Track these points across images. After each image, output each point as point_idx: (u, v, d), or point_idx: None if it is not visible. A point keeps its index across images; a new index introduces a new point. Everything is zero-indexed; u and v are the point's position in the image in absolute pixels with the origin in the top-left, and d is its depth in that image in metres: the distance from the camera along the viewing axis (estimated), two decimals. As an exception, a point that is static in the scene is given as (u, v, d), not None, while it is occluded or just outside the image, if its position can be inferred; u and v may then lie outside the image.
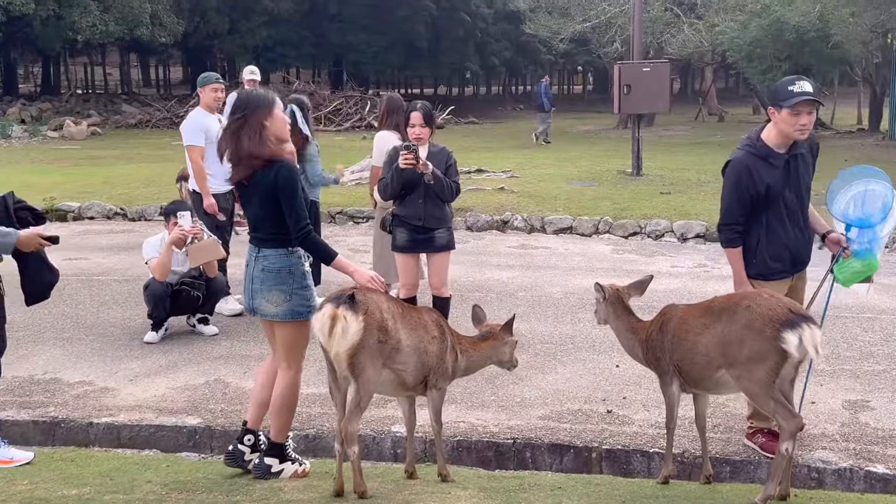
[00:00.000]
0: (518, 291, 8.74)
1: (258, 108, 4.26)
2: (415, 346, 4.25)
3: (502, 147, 23.22)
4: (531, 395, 5.97)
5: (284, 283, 4.33)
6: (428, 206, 6.38)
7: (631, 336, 4.76)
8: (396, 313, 4.18)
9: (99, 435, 5.47)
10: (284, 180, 4.24)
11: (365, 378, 4.02)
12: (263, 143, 4.27)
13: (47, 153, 21.72)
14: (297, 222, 4.27)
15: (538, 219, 12.45)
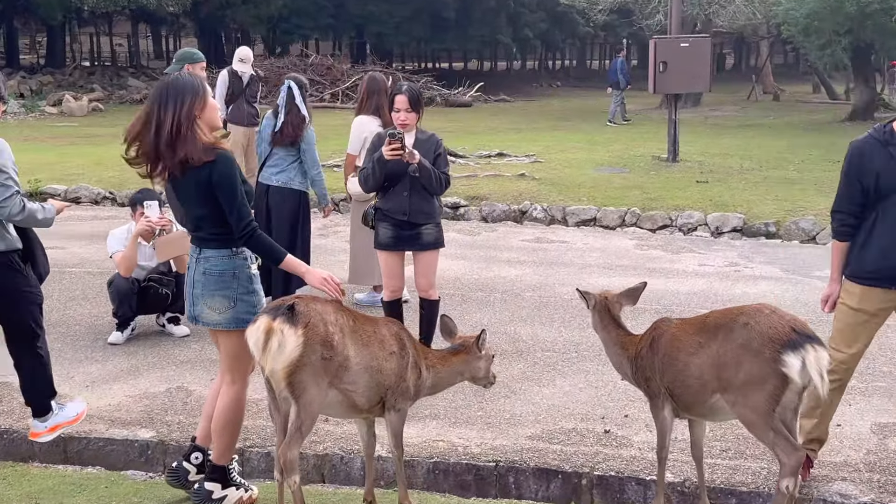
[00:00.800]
0: (525, 291, 8.55)
1: (189, 98, 4.07)
2: (367, 364, 4.08)
3: (531, 128, 22.96)
4: (522, 411, 5.80)
5: (228, 288, 4.19)
6: (414, 199, 6.20)
7: (619, 351, 4.57)
8: (345, 326, 4.01)
9: (43, 448, 5.36)
10: (221, 175, 4.10)
11: (306, 399, 3.86)
12: (195, 141, 4.09)
13: (42, 130, 21.81)
14: (240, 220, 4.13)
15: (559, 209, 12.24)
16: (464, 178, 13.62)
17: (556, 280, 8.96)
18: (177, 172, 4.12)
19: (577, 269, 9.42)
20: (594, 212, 12.08)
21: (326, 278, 4.15)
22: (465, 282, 8.80)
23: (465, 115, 26.59)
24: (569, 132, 21.88)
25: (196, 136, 4.09)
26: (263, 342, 3.76)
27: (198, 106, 4.08)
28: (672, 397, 4.28)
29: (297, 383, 3.83)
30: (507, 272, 9.26)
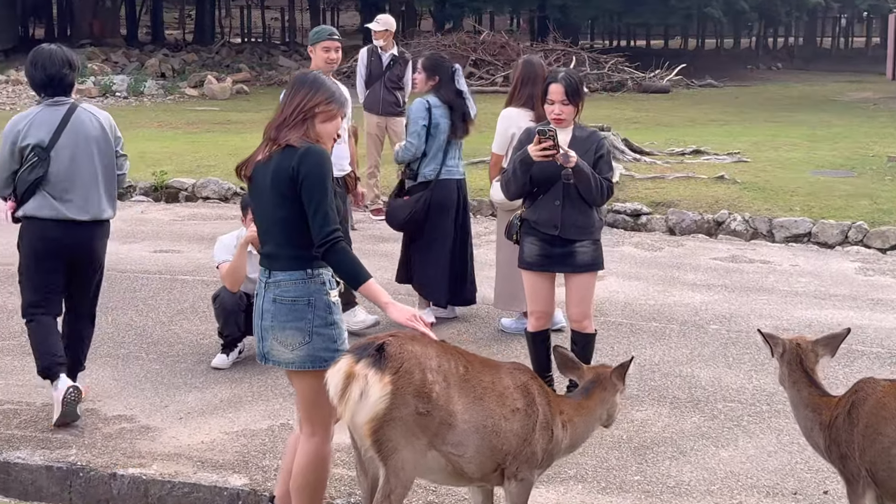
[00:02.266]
0: (710, 323, 8.10)
1: (319, 96, 4.28)
2: (479, 423, 3.83)
3: (739, 120, 22.16)
4: (692, 478, 5.42)
5: (301, 319, 4.09)
6: (567, 210, 5.94)
7: (810, 415, 4.19)
8: (452, 374, 3.78)
9: (122, 490, 5.39)
10: (311, 167, 4.04)
11: (397, 462, 3.64)
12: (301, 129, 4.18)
13: (179, 115, 22.67)
14: (325, 225, 4.05)
15: (764, 220, 11.65)
16: (649, 181, 13.19)
17: (751, 311, 8.45)
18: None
19: (780, 298, 8.87)
20: (808, 225, 11.43)
21: (414, 316, 3.96)
22: (637, 308, 8.42)
23: (660, 103, 25.96)
24: (786, 125, 20.97)
25: (305, 127, 4.17)
26: (342, 389, 3.59)
27: (316, 102, 4.22)
28: (875, 482, 3.85)
29: (384, 441, 3.63)
30: (690, 298, 8.81)
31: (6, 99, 24.33)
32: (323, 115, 4.22)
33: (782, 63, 45.56)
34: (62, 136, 5.90)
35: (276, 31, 51.70)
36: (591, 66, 30.25)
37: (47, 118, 5.90)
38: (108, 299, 8.45)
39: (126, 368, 6.97)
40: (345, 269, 4.12)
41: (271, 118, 4.36)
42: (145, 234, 11.11)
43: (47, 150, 5.84)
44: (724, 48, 52.14)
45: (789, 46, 55.22)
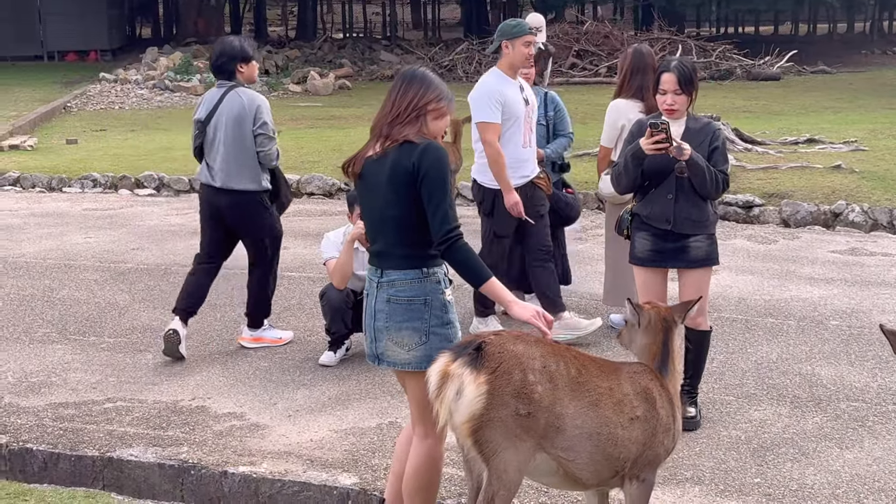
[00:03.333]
0: (830, 319, 7.85)
1: (430, 93, 4.26)
2: (592, 430, 3.74)
3: (855, 107, 21.53)
4: (815, 481, 5.25)
5: (419, 319, 4.05)
6: (681, 203, 5.80)
7: None
8: (560, 376, 3.69)
9: (234, 488, 5.43)
10: (432, 163, 4.01)
11: (499, 463, 3.58)
12: (415, 126, 4.13)
13: (282, 112, 22.87)
14: (445, 222, 4.00)
15: (885, 211, 11.26)
16: (761, 171, 12.87)
17: (874, 305, 8.16)
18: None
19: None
20: (935, 216, 11.03)
21: (538, 313, 3.88)
22: (752, 304, 8.20)
23: (771, 91, 25.37)
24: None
25: (419, 124, 4.16)
26: (438, 388, 3.55)
27: (436, 99, 4.20)
28: None
29: (485, 442, 3.58)
30: (808, 293, 8.55)
31: (115, 98, 24.89)
32: (435, 112, 4.18)
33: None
34: (215, 114, 7.08)
35: (377, 26, 52.02)
36: (698, 55, 29.74)
37: (211, 98, 7.19)
38: (216, 296, 8.56)
39: (235, 366, 7.04)
40: (467, 266, 4.07)
41: (378, 114, 4.32)
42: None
43: (204, 124, 7.12)
44: (837, 33, 50.75)
45: (907, 29, 53.54)
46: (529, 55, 7.19)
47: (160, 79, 26.95)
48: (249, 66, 7.16)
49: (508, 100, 7.09)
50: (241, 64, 7.10)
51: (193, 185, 13.97)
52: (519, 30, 7.19)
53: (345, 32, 49.64)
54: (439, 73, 32.18)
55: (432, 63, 32.78)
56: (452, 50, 34.14)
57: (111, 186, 14.17)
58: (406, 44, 39.79)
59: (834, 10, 47.84)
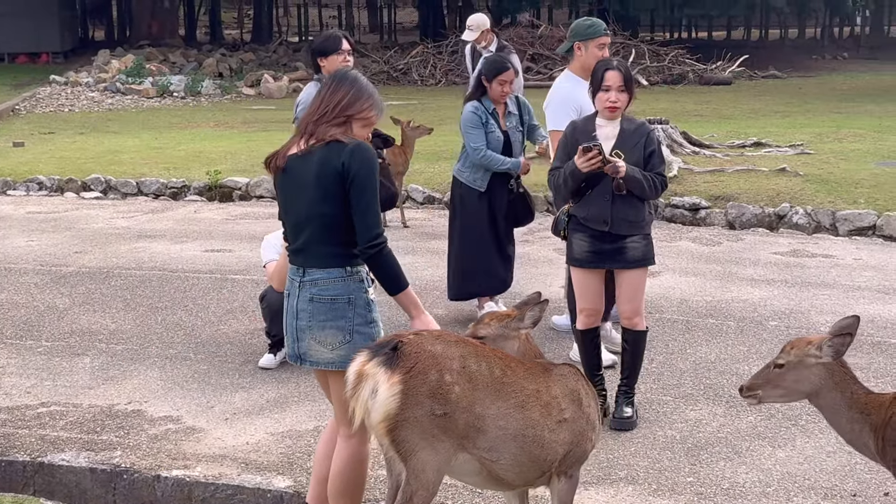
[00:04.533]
0: (770, 320, 7.92)
1: (360, 97, 4.23)
2: (517, 431, 3.74)
3: (803, 111, 21.75)
4: (747, 479, 5.29)
5: (342, 318, 4.04)
6: (618, 205, 5.83)
7: (857, 416, 4.00)
8: (480, 376, 3.69)
9: (167, 492, 5.39)
10: (362, 163, 3.98)
11: (417, 463, 3.58)
12: (340, 126, 4.12)
13: (235, 114, 22.80)
14: (371, 227, 3.99)
15: (827, 213, 11.37)
16: (708, 174, 12.95)
17: (812, 306, 8.24)
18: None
19: (843, 293, 8.66)
20: (873, 218, 11.13)
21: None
22: (693, 305, 8.26)
23: (722, 95, 25.57)
24: (851, 116, 20.52)
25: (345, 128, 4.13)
26: (353, 387, 3.55)
27: (360, 107, 4.16)
28: None
29: (401, 442, 3.58)
30: (749, 294, 8.63)
31: (65, 100, 24.67)
32: (362, 120, 4.16)
33: (848, 52, 44.63)
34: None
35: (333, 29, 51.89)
36: (651, 59, 29.97)
37: (312, 91, 6.72)
38: (157, 299, 8.53)
39: (173, 369, 6.98)
40: (388, 273, 4.07)
41: (306, 112, 4.30)
42: (197, 234, 11.16)
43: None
44: (788, 38, 51.24)
45: (855, 35, 54.12)
46: (601, 57, 6.73)
47: (111, 81, 26.74)
48: (329, 60, 6.83)
49: (584, 106, 6.66)
50: (320, 58, 6.90)
51: (141, 189, 13.88)
52: (593, 31, 7.02)
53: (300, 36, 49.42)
54: (394, 76, 32.30)
55: (388, 66, 32.78)
56: (408, 53, 34.14)
57: (57, 189, 14.02)
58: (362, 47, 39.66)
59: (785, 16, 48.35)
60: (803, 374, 4.07)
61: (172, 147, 16.91)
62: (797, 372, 4.07)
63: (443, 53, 32.26)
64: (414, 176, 13.06)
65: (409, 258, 10.07)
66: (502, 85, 7.55)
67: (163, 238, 10.97)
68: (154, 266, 9.69)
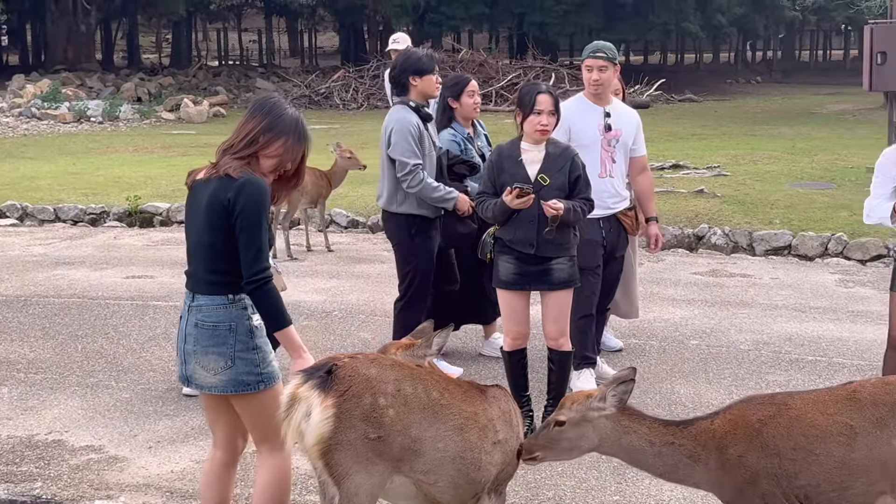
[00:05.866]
0: (690, 339, 8.04)
1: (273, 131, 4.16)
2: (455, 454, 3.76)
3: (718, 133, 22.21)
4: (672, 496, 5.35)
5: (223, 344, 4.06)
6: (544, 228, 5.85)
7: (664, 451, 3.86)
8: (416, 399, 3.70)
9: (91, 523, 5.28)
10: (249, 200, 3.98)
11: (350, 486, 3.58)
12: (244, 159, 4.11)
13: (154, 139, 22.58)
14: (257, 262, 3.99)
15: (744, 234, 11.62)
16: (628, 196, 13.13)
17: (732, 325, 8.39)
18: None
19: (761, 312, 8.83)
20: (788, 238, 11.40)
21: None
22: (616, 325, 8.32)
23: (641, 119, 25.95)
24: (765, 138, 21.02)
25: (248, 160, 4.08)
26: (287, 411, 3.56)
27: (265, 141, 4.11)
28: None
29: (335, 465, 3.59)
30: (669, 313, 8.75)
31: (-20, 126, 24.24)
32: (268, 148, 4.12)
33: (761, 76, 45.81)
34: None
35: (253, 54, 51.65)
36: (571, 83, 30.28)
37: (404, 115, 6.78)
38: (77, 327, 8.39)
39: (95, 397, 6.85)
40: (271, 310, 4.07)
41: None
42: (118, 260, 11.00)
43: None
44: (703, 63, 52.39)
45: (768, 60, 55.52)
46: (591, 80, 6.72)
47: (27, 106, 26.31)
48: (424, 81, 6.73)
49: (575, 126, 6.64)
50: (413, 76, 6.73)
51: (59, 215, 13.65)
52: (585, 53, 6.91)
53: (220, 60, 49.16)
54: (316, 100, 32.26)
55: (309, 90, 32.70)
56: (329, 77, 34.13)
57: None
58: (283, 71, 39.63)
59: (700, 41, 49.33)
60: (586, 430, 3.89)
61: (91, 172, 16.69)
62: (579, 428, 3.88)
63: (364, 77, 32.32)
64: (338, 200, 13.05)
65: (334, 282, 10.05)
66: (472, 96, 7.31)
67: (82, 265, 10.80)
68: (73, 293, 9.53)
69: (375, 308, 9.05)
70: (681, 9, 39.57)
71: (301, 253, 11.36)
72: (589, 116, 6.74)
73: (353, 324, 8.57)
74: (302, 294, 9.35)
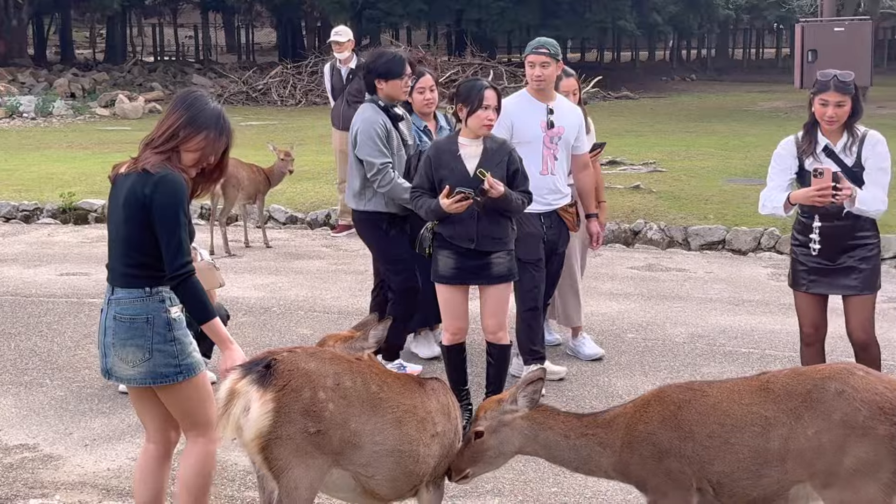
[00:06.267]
0: (627, 332, 8.13)
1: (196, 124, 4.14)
2: (393, 447, 3.77)
3: (654, 130, 22.42)
4: (609, 488, 5.40)
5: (141, 337, 4.07)
6: (483, 222, 5.89)
7: (583, 443, 3.93)
8: (355, 393, 3.70)
9: (26, 523, 5.20)
10: (165, 195, 3.98)
11: (289, 481, 3.58)
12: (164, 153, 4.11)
13: (89, 135, 22.26)
14: (178, 257, 3.99)
15: (679, 229, 11.75)
16: (565, 192, 13.22)
17: (667, 318, 8.50)
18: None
19: (696, 305, 8.95)
20: (723, 232, 11.55)
21: (229, 370, 3.91)
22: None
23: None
24: (700, 135, 21.27)
25: (169, 154, 4.07)
26: (225, 405, 3.55)
27: (186, 136, 4.09)
28: (719, 494, 3.82)
29: (274, 459, 3.59)
30: (606, 307, 8.84)
31: None
32: (189, 142, 4.11)
33: (696, 74, 46.30)
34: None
35: (189, 49, 51.20)
36: (509, 80, 30.44)
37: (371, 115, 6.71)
38: (10, 325, 8.28)
39: (29, 396, 6.76)
40: (195, 304, 4.08)
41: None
42: (52, 257, 10.86)
43: None
44: (639, 60, 52.84)
45: (702, 58, 56.17)
46: (533, 75, 6.68)
47: (-44, 102, 25.82)
48: (390, 85, 6.60)
49: (518, 123, 6.64)
50: (379, 80, 6.62)
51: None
52: (527, 49, 6.85)
53: (156, 55, 48.65)
54: (253, 96, 32.03)
55: (246, 87, 32.46)
56: (267, 73, 33.90)
57: None
58: (220, 67, 39.28)
59: (636, 39, 49.78)
60: (505, 434, 3.95)
61: (23, 169, 16.43)
62: (499, 434, 3.95)
63: (302, 74, 32.14)
64: (276, 196, 12.97)
65: (273, 278, 10.00)
66: (422, 93, 7.22)
67: (14, 262, 10.63)
68: (6, 291, 9.38)
69: (315, 304, 9.03)
70: (617, 7, 39.85)
71: (239, 249, 11.29)
72: (531, 113, 6.72)
73: (292, 320, 8.54)
74: (240, 290, 9.30)
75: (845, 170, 5.51)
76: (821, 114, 5.52)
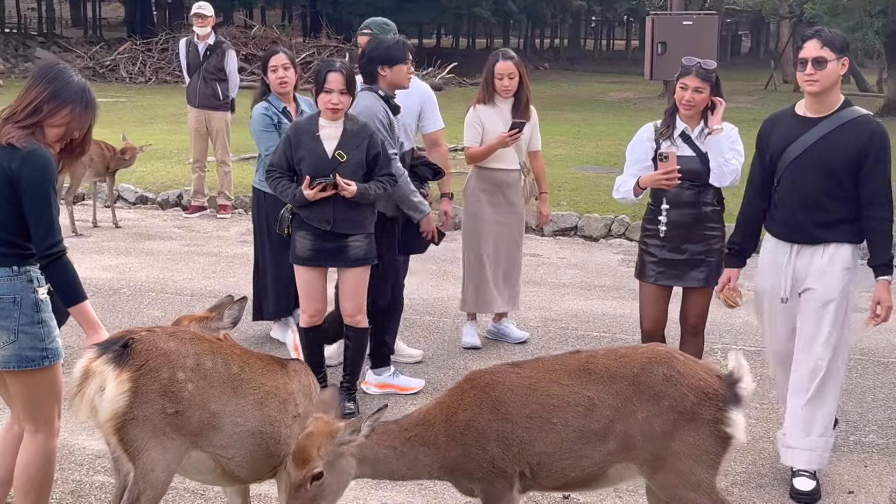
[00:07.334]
0: (482, 316, 8.22)
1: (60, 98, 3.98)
2: (253, 428, 3.74)
3: (508, 117, 22.68)
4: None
5: (7, 318, 3.91)
6: (340, 205, 5.89)
7: (408, 449, 3.78)
8: (215, 373, 3.67)
9: None
10: (34, 171, 3.84)
11: (146, 463, 3.52)
12: (28, 128, 3.94)
13: (-76, 109, 21.30)
14: (48, 236, 3.86)
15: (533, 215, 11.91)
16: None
17: (522, 302, 8.56)
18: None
19: (549, 290, 9.13)
20: (575, 219, 11.81)
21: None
22: (410, 303, 8.43)
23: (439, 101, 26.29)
24: (552, 123, 21.53)
25: (33, 129, 3.91)
26: (79, 384, 3.47)
27: (49, 110, 3.94)
28: (537, 475, 3.80)
29: (130, 441, 3.53)
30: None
31: None
32: (54, 117, 3.97)
33: (549, 63, 47.11)
34: None
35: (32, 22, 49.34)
36: (364, 63, 30.33)
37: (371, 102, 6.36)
38: None
39: None
40: (66, 285, 3.95)
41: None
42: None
43: None
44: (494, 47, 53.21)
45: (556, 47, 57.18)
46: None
47: None
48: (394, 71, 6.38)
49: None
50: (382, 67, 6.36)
51: None
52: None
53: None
54: (101, 72, 31.12)
55: (93, 62, 31.54)
56: (115, 49, 33.00)
57: None
58: (65, 41, 38.04)
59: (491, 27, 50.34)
60: (343, 464, 3.67)
61: None
62: (337, 466, 3.65)
63: (153, 51, 31.41)
64: (125, 175, 12.66)
65: (123, 259, 9.79)
66: (275, 71, 7.14)
67: None
68: None
69: (166, 285, 8.87)
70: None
71: (87, 229, 10.99)
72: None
73: (142, 301, 8.38)
74: (88, 271, 9.05)
75: (700, 155, 5.69)
76: (679, 97, 5.68)
